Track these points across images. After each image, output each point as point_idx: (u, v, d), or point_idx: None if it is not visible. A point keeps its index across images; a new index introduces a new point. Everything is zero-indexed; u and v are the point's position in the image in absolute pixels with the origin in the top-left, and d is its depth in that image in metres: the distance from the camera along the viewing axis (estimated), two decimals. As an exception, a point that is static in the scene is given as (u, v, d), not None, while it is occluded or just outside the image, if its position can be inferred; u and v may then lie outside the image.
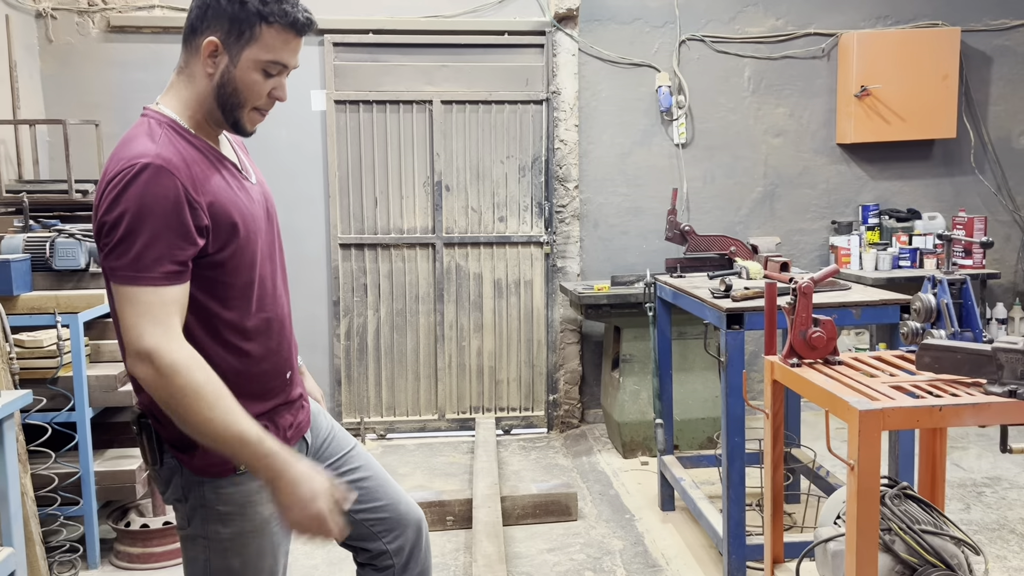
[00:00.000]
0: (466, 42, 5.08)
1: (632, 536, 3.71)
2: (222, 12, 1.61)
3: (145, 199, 1.52)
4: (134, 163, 1.54)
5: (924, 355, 2.05)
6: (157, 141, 1.59)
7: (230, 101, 1.66)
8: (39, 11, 4.79)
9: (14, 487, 2.71)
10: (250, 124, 1.72)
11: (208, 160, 1.66)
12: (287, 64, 1.67)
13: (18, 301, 3.38)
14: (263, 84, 1.66)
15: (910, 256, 5.09)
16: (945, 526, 2.08)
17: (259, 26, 1.61)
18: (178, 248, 1.55)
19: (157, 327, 1.52)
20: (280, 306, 1.80)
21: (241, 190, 1.72)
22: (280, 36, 1.63)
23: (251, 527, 1.73)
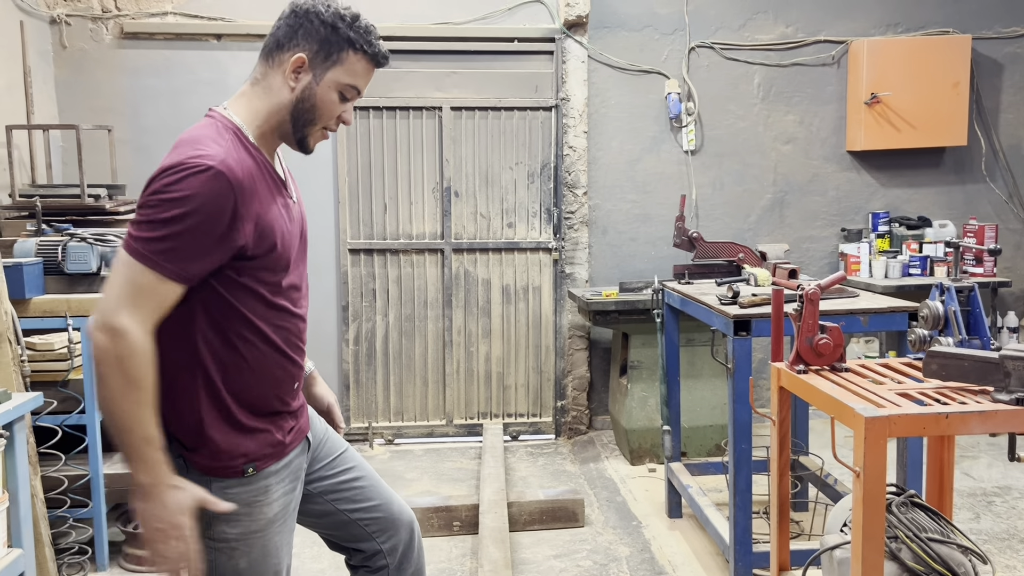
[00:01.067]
0: (476, 49, 5.10)
1: (639, 543, 3.70)
2: (314, 32, 1.69)
3: (197, 198, 1.55)
4: (201, 161, 1.56)
5: (931, 362, 2.05)
6: (223, 146, 1.62)
7: (305, 116, 1.73)
8: (53, 17, 4.84)
9: (24, 489, 2.73)
10: (314, 143, 1.79)
11: (262, 174, 1.71)
12: (361, 91, 1.76)
13: (30, 304, 3.40)
14: (338, 106, 1.74)
15: (920, 264, 5.07)
16: (952, 534, 2.07)
17: (347, 51, 1.70)
18: (203, 252, 1.58)
19: (140, 309, 1.55)
20: (299, 320, 1.83)
21: (284, 208, 1.76)
22: (362, 64, 1.73)
23: (257, 527, 1.75)
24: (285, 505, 1.81)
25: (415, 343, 5.24)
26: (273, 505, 1.76)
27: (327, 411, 2.16)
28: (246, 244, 1.62)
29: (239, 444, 1.72)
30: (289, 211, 1.78)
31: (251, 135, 1.71)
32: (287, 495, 1.82)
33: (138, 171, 4.93)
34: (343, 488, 2.03)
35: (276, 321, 1.75)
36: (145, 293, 1.55)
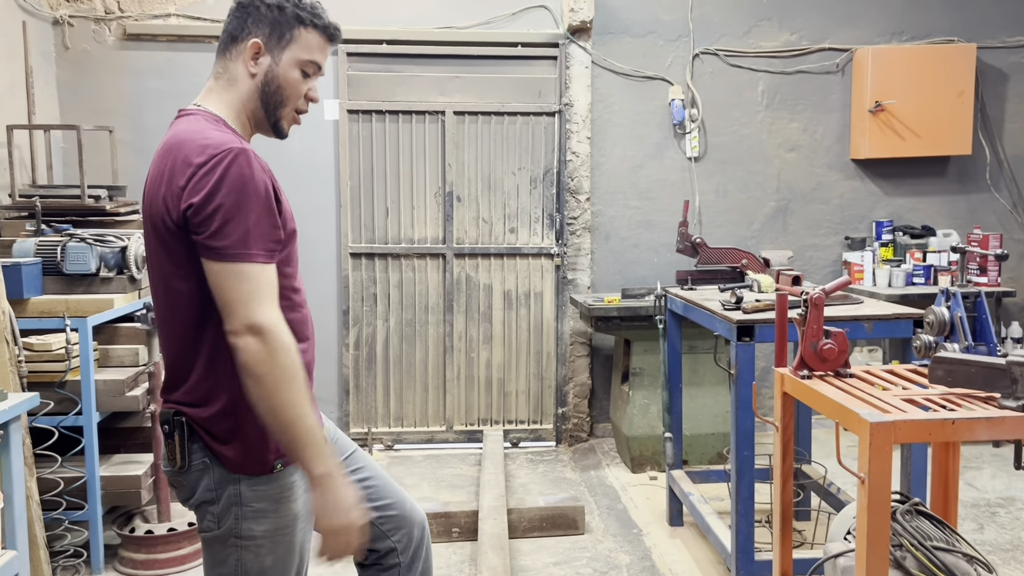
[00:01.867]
0: (479, 54, 5.09)
1: (639, 551, 3.67)
2: (262, 17, 1.73)
3: (246, 182, 1.58)
4: (227, 149, 1.59)
5: (937, 368, 2.02)
6: (227, 133, 1.66)
7: (273, 99, 1.75)
8: (56, 18, 4.84)
9: (19, 490, 2.70)
10: (287, 124, 1.81)
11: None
12: (320, 66, 1.78)
13: (28, 304, 3.38)
14: (302, 83, 1.77)
15: (924, 273, 5.04)
16: (957, 543, 2.04)
17: (298, 28, 1.73)
18: (275, 228, 1.63)
19: (268, 304, 1.59)
20: (306, 305, 1.85)
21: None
22: (315, 38, 1.75)
23: (284, 524, 1.74)
24: (306, 503, 1.79)
25: (416, 348, 5.21)
26: (299, 502, 1.76)
27: None
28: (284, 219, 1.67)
29: (267, 439, 1.69)
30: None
31: (236, 127, 1.75)
32: (307, 493, 1.78)
33: (139, 172, 4.91)
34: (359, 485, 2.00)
35: (291, 312, 1.74)
36: (263, 286, 1.59)
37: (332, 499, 1.61)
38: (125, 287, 3.63)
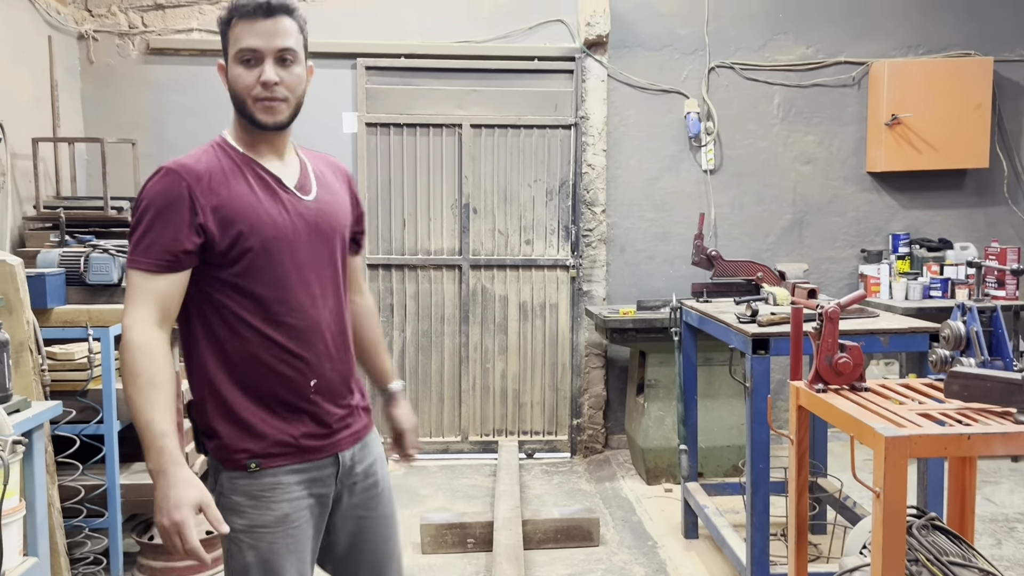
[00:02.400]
0: (496, 67, 5.14)
1: (654, 563, 3.67)
2: (222, 38, 1.83)
3: (153, 195, 1.73)
4: (157, 169, 1.77)
5: (953, 383, 2.02)
6: (193, 154, 1.80)
7: (235, 101, 1.81)
8: (81, 33, 4.92)
9: (42, 498, 2.74)
10: (262, 115, 1.79)
11: (241, 173, 1.80)
12: (256, 48, 1.75)
13: (51, 314, 3.43)
14: (246, 74, 1.77)
15: (941, 286, 5.02)
16: (974, 558, 2.04)
17: (228, 31, 1.79)
18: (172, 239, 1.70)
19: (137, 308, 1.70)
20: (312, 317, 1.83)
21: (273, 203, 1.80)
22: (242, 27, 1.76)
23: (262, 523, 1.77)
24: (297, 511, 1.80)
25: (431, 359, 5.24)
26: (282, 505, 1.78)
27: (400, 434, 2.15)
28: (210, 229, 1.72)
29: (241, 439, 1.77)
30: (282, 205, 1.81)
31: (237, 144, 1.84)
32: (300, 501, 1.81)
33: (160, 184, 4.98)
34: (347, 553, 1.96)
35: (278, 314, 1.78)
36: (141, 293, 1.70)
37: (160, 495, 1.62)
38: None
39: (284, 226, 1.79)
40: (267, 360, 1.78)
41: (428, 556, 3.76)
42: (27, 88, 4.33)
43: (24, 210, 4.26)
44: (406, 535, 3.97)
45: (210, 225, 1.72)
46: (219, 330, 1.77)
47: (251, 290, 1.77)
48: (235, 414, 1.77)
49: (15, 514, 2.61)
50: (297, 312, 1.80)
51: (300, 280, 1.81)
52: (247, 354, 1.77)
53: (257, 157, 1.83)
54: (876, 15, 5.31)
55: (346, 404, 1.92)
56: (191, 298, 1.77)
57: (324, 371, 1.85)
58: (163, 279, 1.71)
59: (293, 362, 1.80)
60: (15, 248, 4.06)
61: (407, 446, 2.16)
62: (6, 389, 2.60)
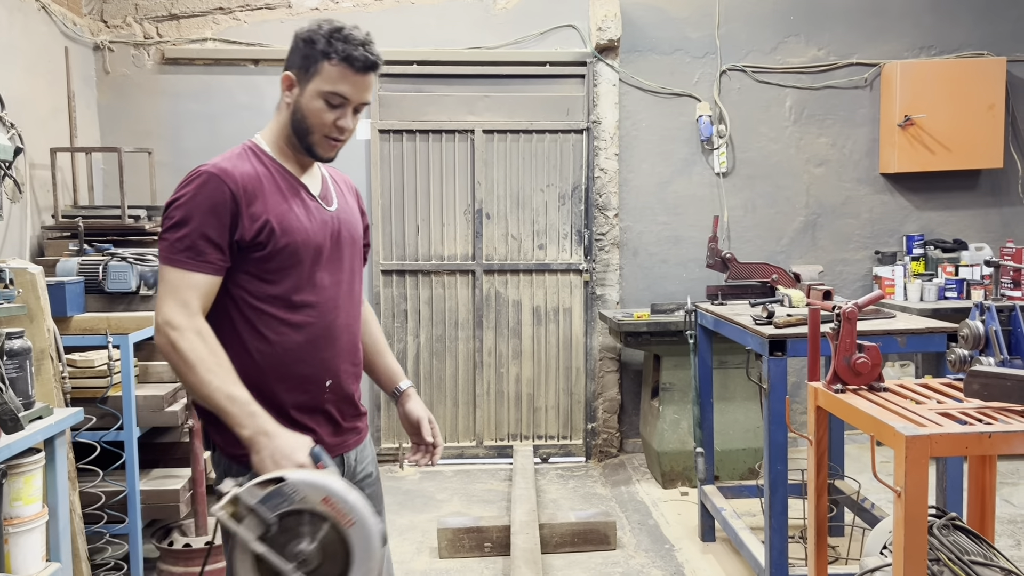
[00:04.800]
0: (508, 73, 5.16)
1: (672, 566, 3.67)
2: (298, 52, 1.85)
3: (195, 197, 1.77)
4: (195, 172, 1.81)
5: (973, 382, 2.02)
6: (228, 157, 1.85)
7: (300, 127, 1.86)
8: (97, 44, 4.97)
9: (64, 504, 2.77)
10: (322, 150, 1.88)
11: (274, 179, 1.86)
12: (347, 96, 1.83)
13: (71, 322, 3.47)
14: (327, 113, 1.83)
15: (956, 287, 5.00)
16: (995, 558, 2.03)
17: (321, 62, 1.81)
18: (212, 243, 1.76)
19: (175, 302, 1.73)
20: (331, 319, 1.90)
21: (302, 210, 1.88)
22: (339, 71, 1.81)
23: None
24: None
25: (446, 364, 5.26)
26: None
27: (416, 426, 2.15)
28: (247, 232, 1.78)
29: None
30: (311, 213, 1.89)
31: (270, 150, 1.90)
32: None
33: (176, 193, 5.02)
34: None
35: (301, 315, 1.85)
36: (177, 288, 1.74)
37: (267, 454, 1.64)
38: (158, 309, 3.70)
39: (311, 231, 1.87)
40: (287, 360, 1.84)
41: (445, 560, 3.77)
42: (44, 99, 4.37)
43: (43, 219, 4.30)
44: (423, 540, 3.98)
45: (247, 229, 1.78)
46: (243, 328, 1.83)
47: (277, 291, 1.83)
48: None
49: (38, 520, 2.64)
50: (318, 314, 1.88)
51: (322, 284, 1.89)
52: (268, 353, 1.83)
53: (288, 166, 1.91)
54: (888, 16, 5.31)
55: (354, 407, 2.00)
56: (218, 296, 1.82)
57: (339, 373, 1.92)
58: (201, 277, 1.76)
59: (311, 362, 1.87)
60: (34, 257, 4.11)
61: (425, 435, 2.13)
62: (28, 396, 2.63)
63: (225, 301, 1.83)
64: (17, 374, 2.60)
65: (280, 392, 1.84)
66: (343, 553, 1.50)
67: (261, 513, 1.49)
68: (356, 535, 1.50)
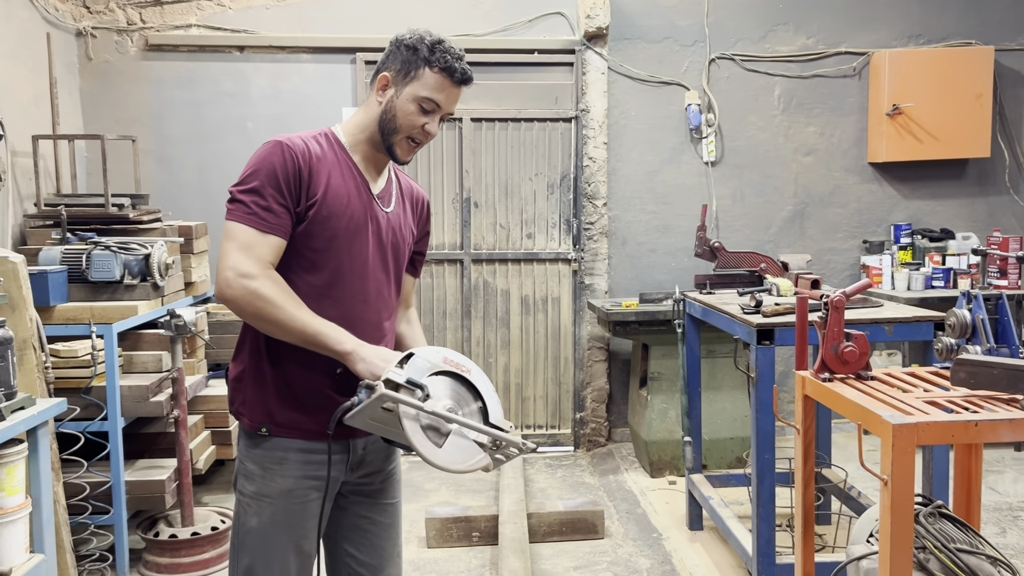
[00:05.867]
0: (496, 60, 5.12)
1: (659, 555, 3.67)
2: (399, 56, 1.94)
3: (261, 162, 1.85)
4: (272, 140, 1.89)
5: (959, 370, 2.02)
6: (304, 136, 1.92)
7: (388, 126, 1.93)
8: (79, 30, 4.91)
9: (47, 494, 2.74)
10: (402, 152, 1.96)
11: (340, 166, 1.93)
12: (440, 104, 1.93)
13: (54, 311, 3.44)
14: (418, 117, 1.92)
15: (943, 276, 5.02)
16: (981, 545, 2.04)
17: (423, 68, 1.91)
18: (281, 205, 1.83)
19: (248, 256, 1.80)
20: (358, 311, 1.94)
21: (357, 199, 1.93)
22: (438, 80, 1.91)
23: (268, 492, 1.91)
24: (301, 487, 1.91)
25: (434, 354, 5.23)
26: (287, 479, 1.90)
27: None
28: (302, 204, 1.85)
29: (261, 403, 1.90)
30: (366, 206, 1.95)
31: (346, 142, 1.98)
32: (306, 480, 1.91)
33: (161, 181, 4.98)
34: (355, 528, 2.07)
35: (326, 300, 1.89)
36: (253, 245, 1.80)
37: (372, 358, 1.78)
38: (149, 294, 3.67)
39: (361, 223, 1.93)
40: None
41: (433, 550, 3.77)
42: (26, 85, 4.32)
43: (25, 208, 4.25)
44: (411, 529, 3.97)
45: (303, 201, 1.85)
46: None
47: (314, 272, 1.89)
48: (263, 380, 1.90)
49: (21, 511, 2.61)
50: (346, 303, 1.92)
51: (357, 275, 1.94)
52: None
53: (358, 160, 1.97)
54: (877, 5, 5.30)
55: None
56: None
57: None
58: (273, 239, 1.83)
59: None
60: (16, 246, 4.06)
61: None
62: (11, 386, 2.59)
63: None
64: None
65: (293, 369, 1.89)
66: (475, 393, 1.86)
67: (415, 381, 1.74)
68: (476, 379, 1.85)
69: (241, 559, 1.93)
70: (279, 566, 1.91)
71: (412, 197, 2.14)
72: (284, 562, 1.92)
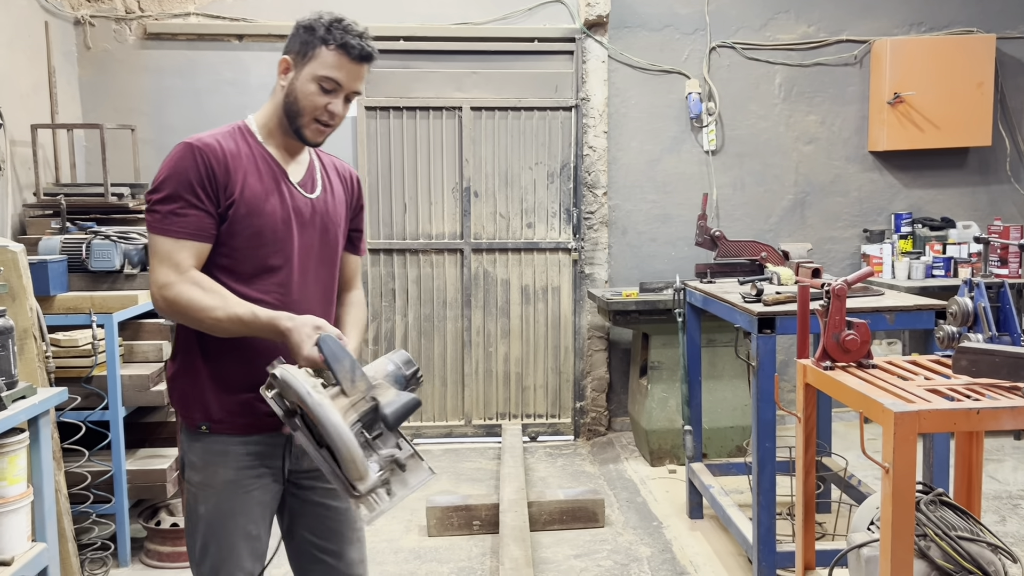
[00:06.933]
0: (496, 49, 5.11)
1: (660, 543, 3.68)
2: (298, 38, 1.91)
3: (173, 167, 1.84)
4: (183, 143, 1.87)
5: (961, 358, 2.02)
6: (215, 134, 1.91)
7: (292, 109, 1.91)
8: (78, 18, 4.89)
9: (49, 484, 2.75)
10: (311, 134, 1.93)
11: (255, 161, 1.92)
12: (340, 82, 1.89)
13: (55, 301, 3.43)
14: (319, 97, 1.89)
15: (944, 265, 5.01)
16: (981, 533, 2.04)
17: (320, 47, 1.88)
18: (196, 209, 1.82)
19: (166, 267, 1.82)
20: (291, 300, 1.93)
21: (276, 195, 1.92)
22: (335, 58, 1.88)
23: (212, 483, 1.94)
24: (245, 478, 1.93)
25: (434, 343, 5.24)
26: (228, 471, 1.92)
27: None
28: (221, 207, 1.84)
29: (199, 400, 1.92)
30: (288, 198, 1.93)
31: (259, 133, 1.95)
32: (251, 470, 1.94)
33: (160, 171, 4.96)
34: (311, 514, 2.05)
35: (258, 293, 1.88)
36: (171, 253, 1.82)
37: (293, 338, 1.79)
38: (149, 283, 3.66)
39: (281, 216, 1.91)
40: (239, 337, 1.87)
41: (434, 539, 3.78)
42: (25, 75, 4.30)
43: (24, 197, 4.24)
44: (412, 518, 3.98)
45: (221, 203, 1.85)
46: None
47: (238, 268, 1.89)
48: (198, 377, 1.91)
49: (23, 500, 2.62)
50: (275, 294, 1.91)
51: (285, 266, 1.93)
52: None
53: (274, 150, 1.95)
54: (878, -7, 5.28)
55: None
56: None
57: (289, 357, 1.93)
58: (191, 243, 1.83)
59: (263, 342, 1.87)
60: (16, 236, 4.05)
61: None
62: (11, 376, 2.60)
63: None
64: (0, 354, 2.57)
65: (228, 364, 1.90)
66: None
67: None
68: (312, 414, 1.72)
69: (196, 541, 1.97)
70: (230, 549, 1.94)
71: (339, 175, 2.11)
72: (234, 546, 1.94)
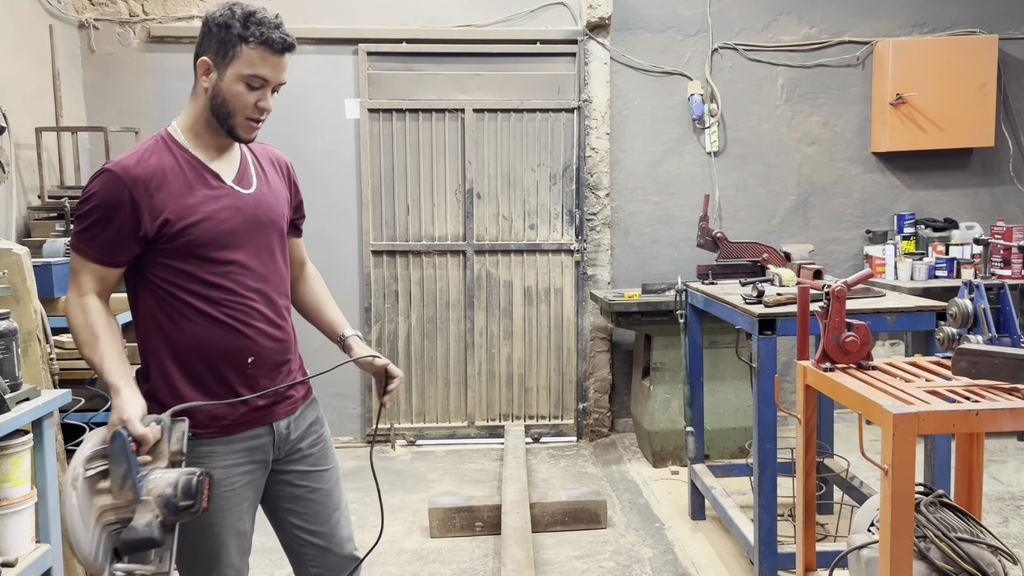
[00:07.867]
0: (498, 51, 5.12)
1: (662, 544, 3.69)
2: (213, 37, 1.88)
3: (91, 192, 1.86)
4: (103, 168, 1.89)
5: (961, 360, 2.02)
6: (136, 152, 1.91)
7: (222, 111, 1.90)
8: (82, 22, 4.91)
9: (52, 485, 2.76)
10: (244, 131, 1.94)
11: (181, 170, 1.91)
12: (267, 78, 1.89)
13: (59, 303, 3.44)
14: (247, 95, 1.89)
15: (947, 266, 5.01)
16: (982, 534, 2.04)
17: (240, 46, 1.86)
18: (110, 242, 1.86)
19: (72, 284, 1.89)
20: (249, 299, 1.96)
21: (209, 199, 1.92)
22: (258, 54, 1.86)
23: None
24: (232, 476, 1.96)
25: (437, 344, 5.25)
26: (216, 470, 1.93)
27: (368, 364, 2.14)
28: (150, 229, 1.86)
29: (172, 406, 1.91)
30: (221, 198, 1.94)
31: (184, 138, 1.94)
32: (237, 467, 1.97)
33: (164, 173, 4.98)
34: (294, 499, 2.09)
35: (216, 297, 1.92)
36: (77, 272, 1.89)
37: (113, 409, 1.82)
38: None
39: (219, 219, 1.92)
40: (207, 339, 1.92)
41: (437, 540, 3.79)
42: (29, 78, 4.32)
43: (28, 200, 4.26)
44: (414, 519, 3.99)
45: (148, 224, 1.85)
46: (160, 312, 1.92)
47: (190, 276, 1.90)
48: (175, 387, 1.92)
49: (27, 502, 2.63)
50: (233, 295, 1.94)
51: (236, 266, 1.95)
52: (188, 334, 1.92)
53: (201, 153, 1.95)
54: (880, -6, 5.28)
55: (285, 377, 2.05)
56: (136, 281, 1.94)
57: (262, 348, 1.98)
58: (94, 266, 1.88)
59: (232, 341, 1.93)
60: (20, 238, 4.07)
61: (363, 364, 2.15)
62: (16, 378, 2.61)
63: (143, 289, 1.93)
64: (4, 356, 2.58)
65: (201, 370, 1.93)
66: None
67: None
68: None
69: (186, 542, 1.96)
70: (220, 549, 1.97)
71: (272, 163, 2.12)
72: (224, 545, 1.97)
